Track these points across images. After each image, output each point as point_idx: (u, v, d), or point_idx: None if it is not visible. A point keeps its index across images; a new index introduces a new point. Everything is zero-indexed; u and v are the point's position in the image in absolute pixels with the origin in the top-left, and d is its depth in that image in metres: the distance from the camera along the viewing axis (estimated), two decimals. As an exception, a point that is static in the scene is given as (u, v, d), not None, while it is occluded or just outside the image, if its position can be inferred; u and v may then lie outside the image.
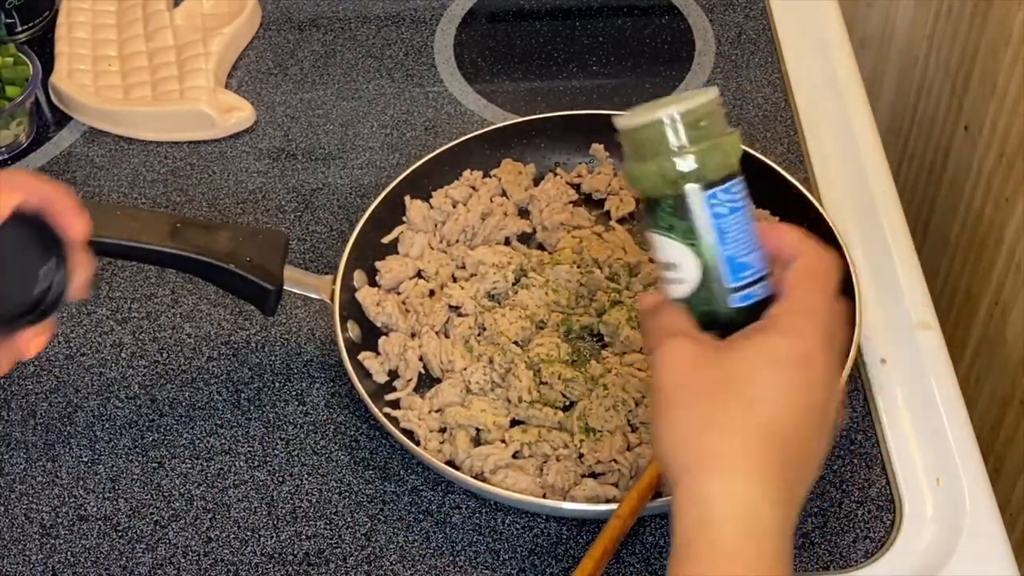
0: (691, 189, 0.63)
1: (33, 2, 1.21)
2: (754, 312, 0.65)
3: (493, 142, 1.05)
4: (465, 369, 0.91)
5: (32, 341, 0.68)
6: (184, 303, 1.01)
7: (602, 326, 0.94)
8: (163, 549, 0.87)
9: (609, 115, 1.06)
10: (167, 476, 0.91)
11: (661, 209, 0.64)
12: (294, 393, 0.94)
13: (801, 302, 0.64)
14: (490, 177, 1.05)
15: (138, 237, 0.85)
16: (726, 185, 0.63)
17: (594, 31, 1.23)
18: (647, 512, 0.82)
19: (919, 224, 1.49)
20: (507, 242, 1.01)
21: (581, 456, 0.87)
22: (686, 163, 0.63)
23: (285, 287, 0.90)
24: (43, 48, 1.19)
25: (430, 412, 0.90)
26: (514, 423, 0.89)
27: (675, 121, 0.63)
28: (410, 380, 0.92)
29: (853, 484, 0.88)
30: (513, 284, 0.96)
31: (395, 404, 0.91)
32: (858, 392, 0.93)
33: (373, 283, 0.98)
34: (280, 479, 0.90)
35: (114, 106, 1.13)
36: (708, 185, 0.63)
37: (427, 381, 0.93)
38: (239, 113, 1.14)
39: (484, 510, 0.87)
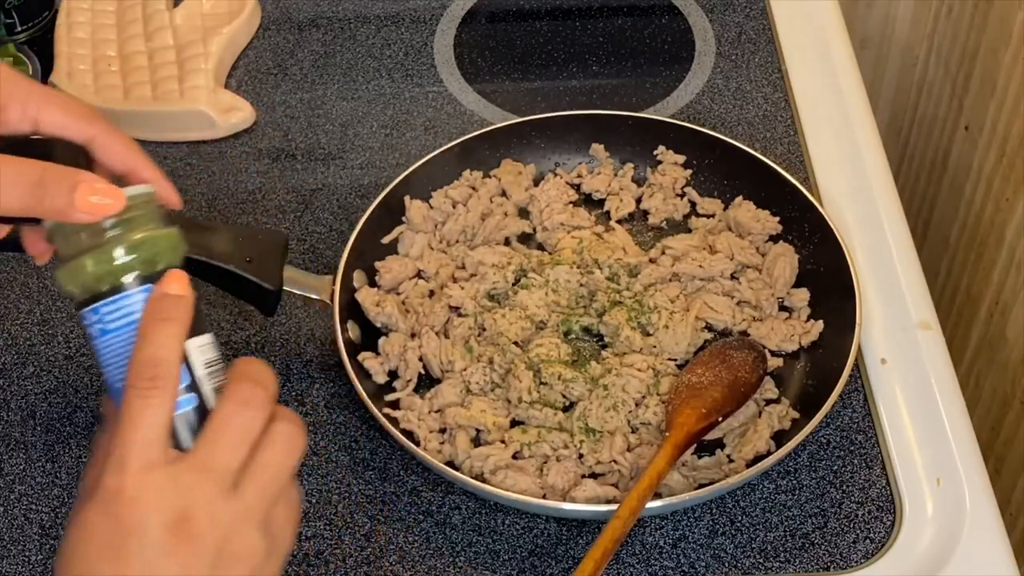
0: (78, 302, 0.62)
1: (33, 2, 1.21)
2: None
3: (493, 142, 1.05)
4: (465, 369, 0.91)
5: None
6: (184, 303, 1.01)
7: (602, 326, 0.93)
8: (163, 549, 0.86)
9: (609, 115, 1.08)
10: (167, 476, 0.90)
11: None
12: (294, 393, 0.94)
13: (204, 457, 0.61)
14: (490, 177, 1.05)
15: (137, 237, 0.85)
16: (95, 306, 0.61)
17: (594, 31, 1.23)
18: (647, 512, 0.83)
19: (919, 224, 1.49)
20: (507, 242, 1.01)
21: (581, 456, 0.87)
22: (61, 274, 0.62)
23: (285, 287, 0.90)
24: (43, 48, 1.19)
25: (430, 413, 0.90)
26: (514, 423, 0.89)
27: (52, 231, 0.62)
28: (410, 380, 0.92)
29: (853, 484, 0.88)
30: (513, 284, 0.96)
31: (395, 404, 0.91)
32: (858, 392, 0.93)
33: (373, 283, 0.98)
34: (280, 479, 0.90)
35: (114, 106, 1.13)
36: (86, 302, 0.62)
37: (427, 381, 0.93)
38: (239, 113, 1.14)
39: (484, 511, 0.87)
